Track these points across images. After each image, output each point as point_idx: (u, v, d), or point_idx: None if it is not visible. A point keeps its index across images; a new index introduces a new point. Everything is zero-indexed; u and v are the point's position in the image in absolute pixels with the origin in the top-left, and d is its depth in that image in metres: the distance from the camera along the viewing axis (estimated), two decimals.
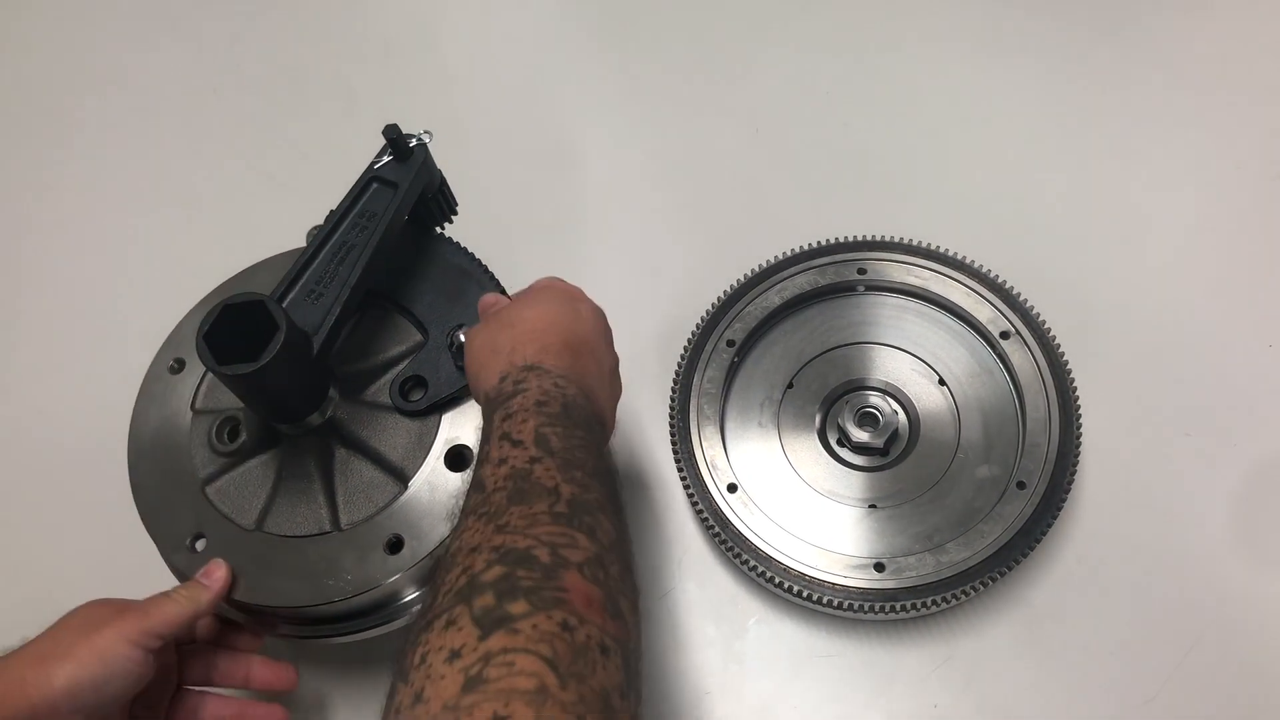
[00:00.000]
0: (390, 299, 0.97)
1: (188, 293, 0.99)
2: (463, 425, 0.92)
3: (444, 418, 0.92)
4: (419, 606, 0.88)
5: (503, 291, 0.97)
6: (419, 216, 1.00)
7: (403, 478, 0.90)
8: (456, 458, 0.90)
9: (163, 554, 0.90)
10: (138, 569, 0.92)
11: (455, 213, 1.03)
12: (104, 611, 0.80)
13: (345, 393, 0.93)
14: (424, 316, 0.97)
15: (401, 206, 0.93)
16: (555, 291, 0.89)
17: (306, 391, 0.89)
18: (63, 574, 1.06)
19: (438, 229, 1.03)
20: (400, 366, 0.94)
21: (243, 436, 0.91)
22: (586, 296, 0.91)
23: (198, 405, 0.94)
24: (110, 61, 1.48)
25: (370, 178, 0.94)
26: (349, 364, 0.95)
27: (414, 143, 0.95)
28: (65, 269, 1.32)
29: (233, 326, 0.81)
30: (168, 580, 0.90)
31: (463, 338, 0.91)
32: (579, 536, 0.64)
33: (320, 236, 0.91)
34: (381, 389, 0.94)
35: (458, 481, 0.89)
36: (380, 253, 0.91)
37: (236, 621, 0.92)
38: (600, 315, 0.90)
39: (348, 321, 0.91)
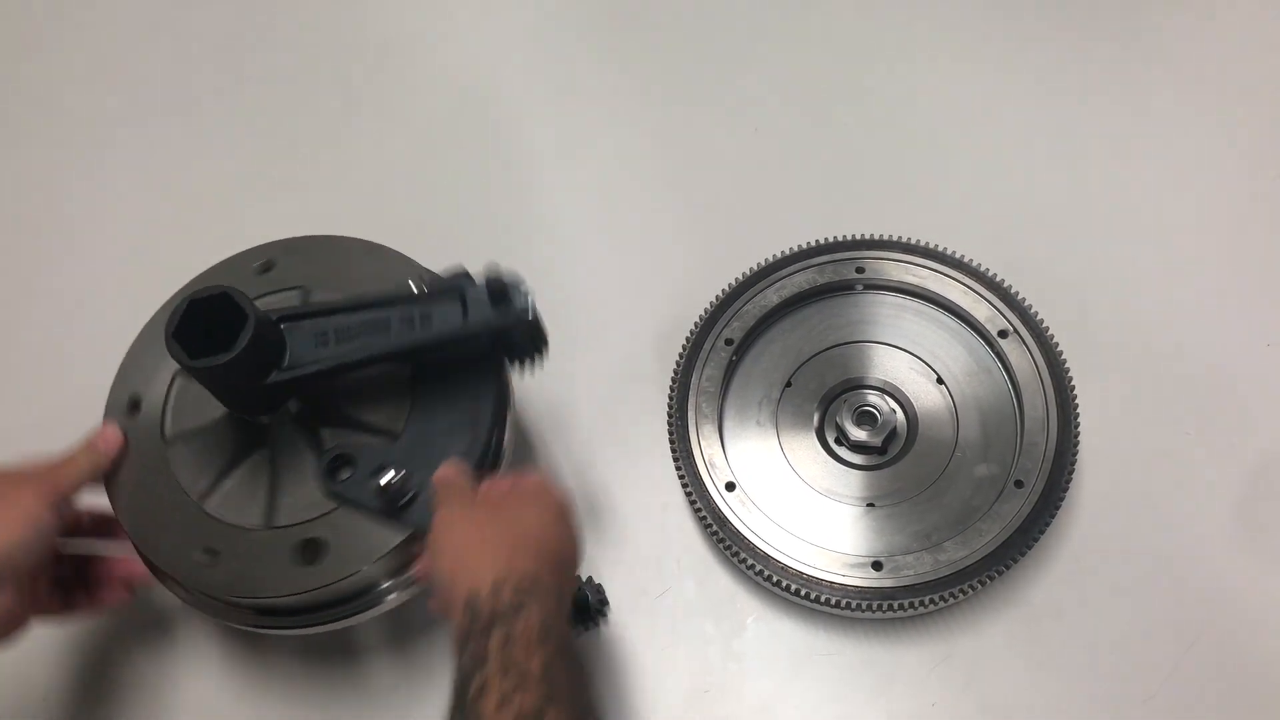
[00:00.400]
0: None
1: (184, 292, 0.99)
2: None
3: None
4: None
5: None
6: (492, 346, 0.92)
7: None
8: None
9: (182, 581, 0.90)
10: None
11: (541, 355, 0.92)
12: (14, 477, 0.84)
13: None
14: (409, 420, 0.91)
15: (461, 343, 0.87)
16: (551, 500, 0.84)
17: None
18: None
19: (510, 367, 0.93)
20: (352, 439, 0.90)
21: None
22: (573, 509, 0.85)
23: (168, 434, 0.93)
24: (108, 60, 1.48)
25: (458, 293, 0.87)
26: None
27: (521, 304, 0.87)
28: (61, 268, 1.32)
29: (200, 322, 0.81)
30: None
31: (385, 480, 0.85)
32: None
33: (372, 300, 0.88)
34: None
35: None
36: (407, 355, 0.88)
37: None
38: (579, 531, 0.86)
39: (334, 377, 0.88)
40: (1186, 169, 1.24)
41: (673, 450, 1.04)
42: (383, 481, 0.84)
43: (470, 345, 0.88)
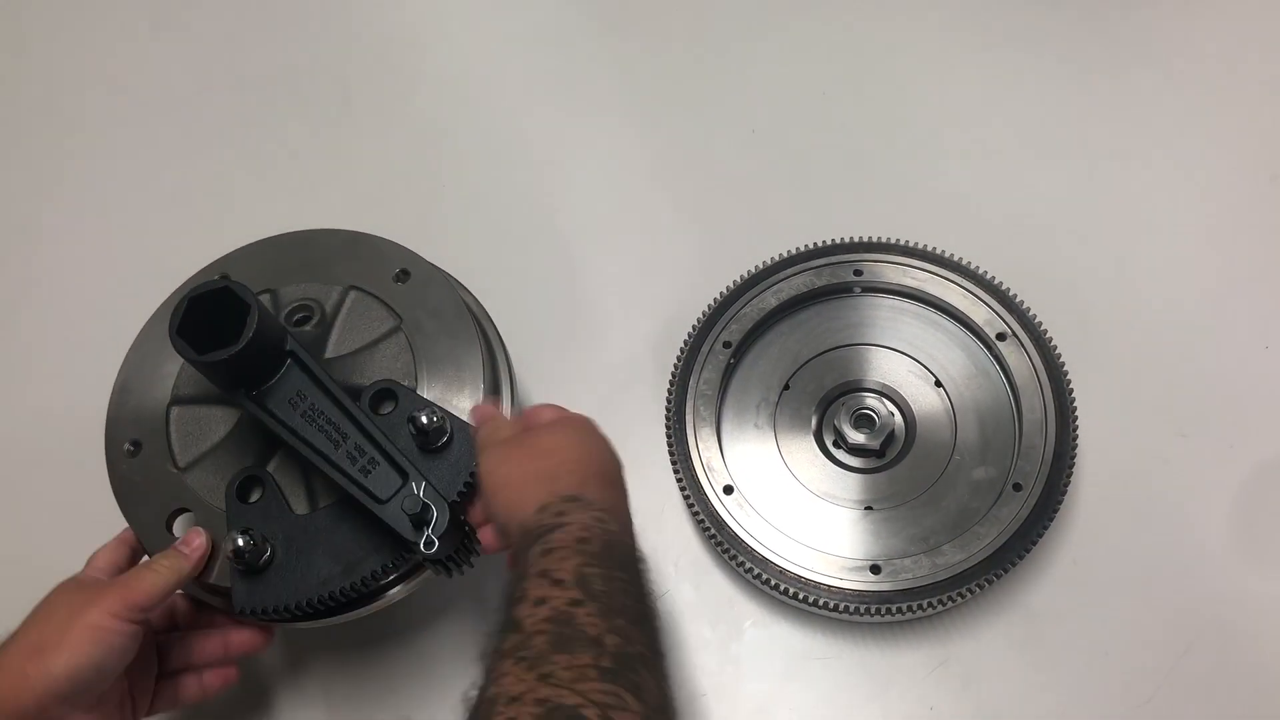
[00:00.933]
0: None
1: (181, 291, 0.99)
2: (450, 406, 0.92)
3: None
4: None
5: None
6: None
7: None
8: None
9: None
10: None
11: (460, 565, 0.88)
12: (86, 593, 0.80)
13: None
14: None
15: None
16: (581, 422, 0.87)
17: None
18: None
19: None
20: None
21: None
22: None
23: (182, 463, 0.92)
24: (103, 60, 1.47)
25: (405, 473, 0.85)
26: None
27: (426, 542, 0.83)
28: (56, 267, 1.32)
29: (200, 317, 0.81)
30: None
31: (425, 419, 0.86)
32: (627, 697, 0.61)
33: (349, 409, 0.86)
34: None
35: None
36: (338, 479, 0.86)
37: (207, 602, 0.92)
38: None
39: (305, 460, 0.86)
40: (1184, 172, 1.24)
41: (670, 453, 1.04)
42: (423, 419, 0.85)
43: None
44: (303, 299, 0.97)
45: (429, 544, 0.81)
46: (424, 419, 0.85)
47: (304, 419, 0.85)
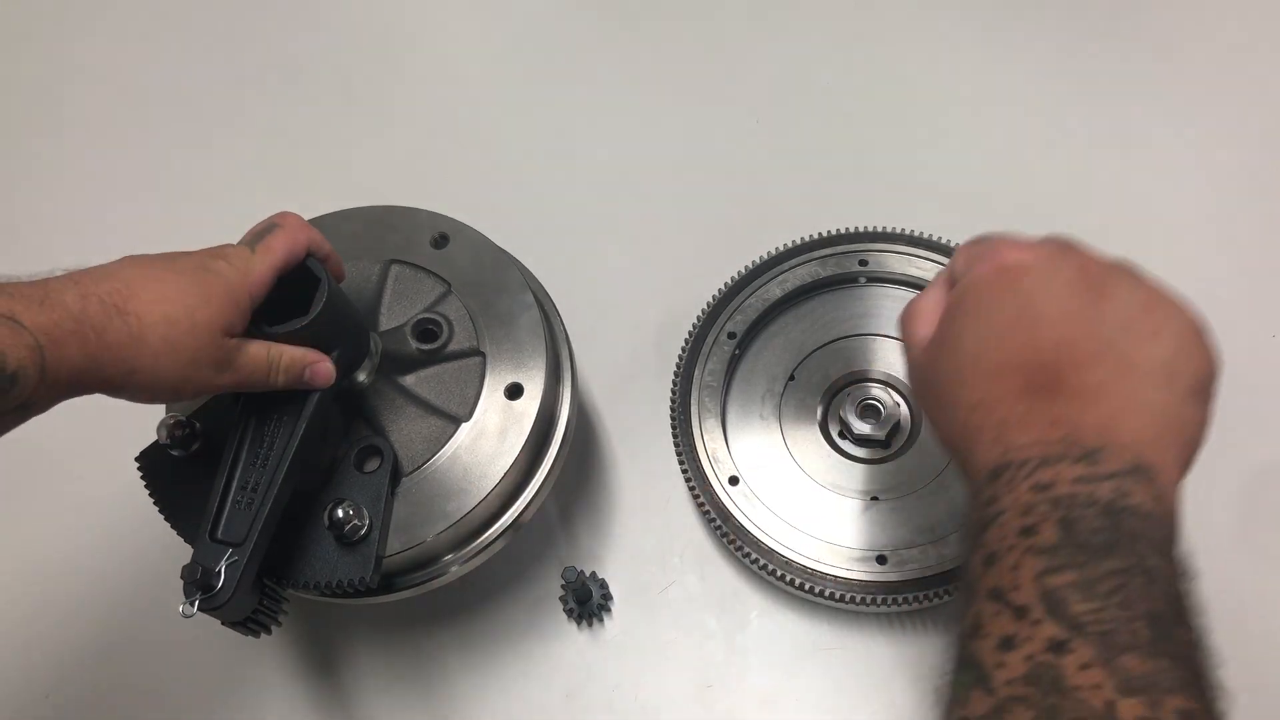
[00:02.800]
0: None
1: None
2: (520, 363, 0.93)
3: (489, 361, 0.92)
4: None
5: None
6: None
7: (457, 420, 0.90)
8: (515, 389, 0.91)
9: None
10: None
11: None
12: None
13: (386, 348, 0.92)
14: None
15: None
16: (1175, 309, 0.56)
17: (352, 346, 0.88)
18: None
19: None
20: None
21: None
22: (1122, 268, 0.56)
23: None
24: (104, 54, 1.47)
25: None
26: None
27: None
28: (60, 260, 1.31)
29: (271, 291, 0.80)
30: None
31: (340, 513, 0.81)
32: None
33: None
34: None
35: (515, 409, 0.90)
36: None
37: None
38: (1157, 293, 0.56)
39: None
40: (1191, 160, 1.23)
41: (675, 444, 1.04)
42: (339, 513, 0.82)
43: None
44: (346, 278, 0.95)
45: (191, 605, 0.76)
46: (339, 513, 0.81)
47: (257, 429, 0.82)
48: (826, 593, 0.95)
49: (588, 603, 1.02)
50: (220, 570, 0.77)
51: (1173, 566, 0.49)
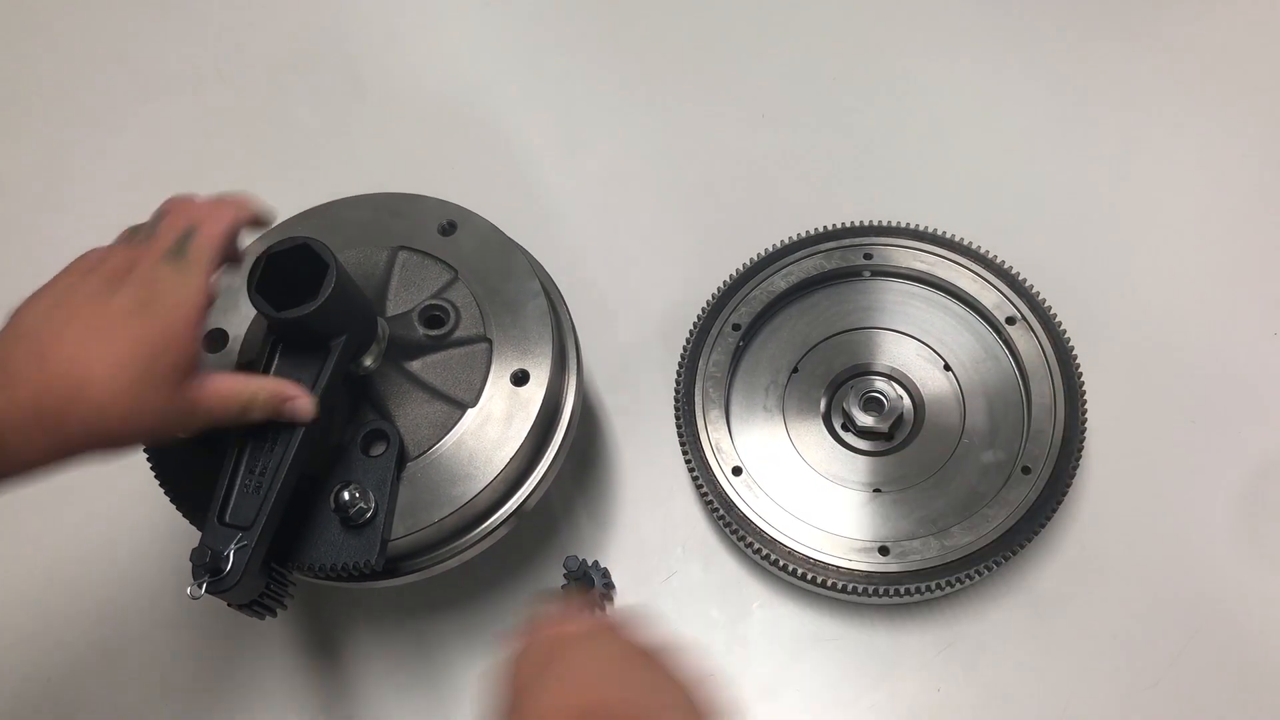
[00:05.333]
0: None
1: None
2: (526, 350, 0.92)
3: (495, 347, 0.92)
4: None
5: None
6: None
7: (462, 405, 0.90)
8: (521, 376, 0.91)
9: None
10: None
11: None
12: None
13: (393, 334, 0.93)
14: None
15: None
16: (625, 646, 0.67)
17: (360, 330, 0.88)
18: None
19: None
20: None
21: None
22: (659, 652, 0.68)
23: None
24: (111, 42, 1.47)
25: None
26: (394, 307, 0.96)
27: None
28: (65, 253, 1.31)
29: (278, 275, 0.80)
30: None
31: (346, 496, 0.82)
32: None
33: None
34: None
35: (521, 396, 0.90)
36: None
37: None
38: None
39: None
40: (1196, 156, 1.24)
41: (679, 435, 1.04)
42: (345, 496, 0.82)
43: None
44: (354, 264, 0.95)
45: (199, 587, 0.76)
46: (345, 495, 0.81)
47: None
48: (828, 583, 0.96)
49: (590, 592, 1.02)
50: (229, 553, 0.77)
51: None
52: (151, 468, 0.89)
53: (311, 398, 0.80)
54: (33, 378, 0.68)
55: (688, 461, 1.03)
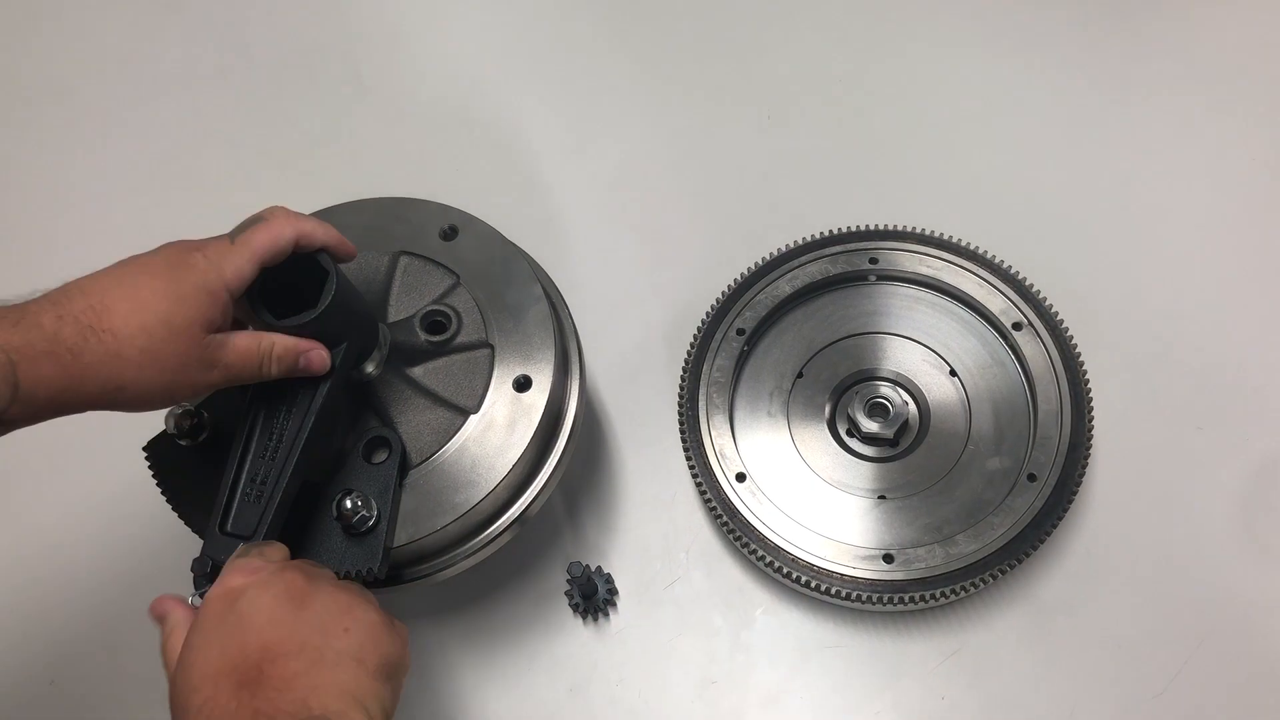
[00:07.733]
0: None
1: None
2: (528, 355, 0.92)
3: (497, 353, 0.92)
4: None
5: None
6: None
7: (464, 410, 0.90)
8: (524, 382, 0.91)
9: None
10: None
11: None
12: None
13: (395, 340, 0.92)
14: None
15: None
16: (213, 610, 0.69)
17: (360, 338, 0.87)
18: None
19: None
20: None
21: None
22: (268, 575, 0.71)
23: None
24: (116, 43, 1.47)
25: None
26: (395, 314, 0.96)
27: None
28: (67, 253, 1.31)
29: (279, 284, 0.80)
30: None
31: (348, 504, 0.81)
32: None
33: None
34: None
35: (523, 402, 0.90)
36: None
37: None
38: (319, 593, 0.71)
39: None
40: (1203, 163, 1.23)
41: (683, 440, 1.04)
42: (347, 504, 0.82)
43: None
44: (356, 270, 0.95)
45: (200, 597, 0.75)
46: (347, 504, 0.81)
47: (266, 420, 0.82)
48: (832, 591, 0.95)
49: (593, 598, 1.01)
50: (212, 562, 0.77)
51: None
52: (151, 470, 0.89)
53: (325, 351, 0.81)
54: (52, 310, 0.70)
55: (691, 467, 1.02)
